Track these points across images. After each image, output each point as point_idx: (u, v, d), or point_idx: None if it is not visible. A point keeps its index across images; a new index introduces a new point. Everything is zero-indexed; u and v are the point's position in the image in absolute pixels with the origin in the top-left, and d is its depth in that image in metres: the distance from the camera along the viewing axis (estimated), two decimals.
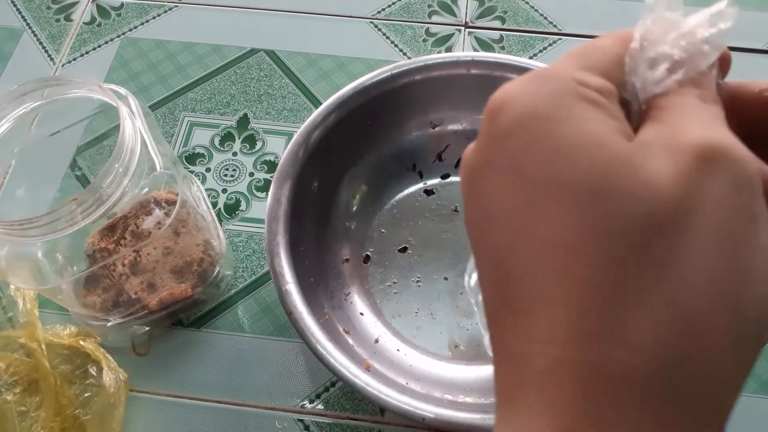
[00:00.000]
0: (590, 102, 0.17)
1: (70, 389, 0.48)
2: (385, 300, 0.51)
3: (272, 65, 0.65)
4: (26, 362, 0.49)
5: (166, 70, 0.65)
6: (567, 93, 0.17)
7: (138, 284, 0.49)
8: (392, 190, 0.56)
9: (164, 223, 0.45)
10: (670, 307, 0.15)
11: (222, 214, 0.57)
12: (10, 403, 0.47)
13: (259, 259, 0.55)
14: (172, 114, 0.63)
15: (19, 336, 0.49)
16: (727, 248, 0.15)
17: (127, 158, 0.39)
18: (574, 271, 0.16)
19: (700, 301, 0.15)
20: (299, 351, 0.51)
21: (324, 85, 0.64)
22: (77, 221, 0.38)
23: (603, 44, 0.19)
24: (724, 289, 0.15)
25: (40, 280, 0.44)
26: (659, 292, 0.15)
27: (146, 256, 0.49)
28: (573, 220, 0.16)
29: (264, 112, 0.62)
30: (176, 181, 0.43)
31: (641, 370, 0.15)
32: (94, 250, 0.49)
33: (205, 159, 0.60)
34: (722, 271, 0.15)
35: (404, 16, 0.68)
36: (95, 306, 0.48)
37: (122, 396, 0.47)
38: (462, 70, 0.52)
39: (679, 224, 0.15)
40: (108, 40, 0.68)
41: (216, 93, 0.64)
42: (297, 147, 0.49)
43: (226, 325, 0.52)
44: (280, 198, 0.47)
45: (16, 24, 0.69)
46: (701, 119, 0.17)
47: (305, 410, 0.49)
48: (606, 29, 0.66)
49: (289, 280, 0.44)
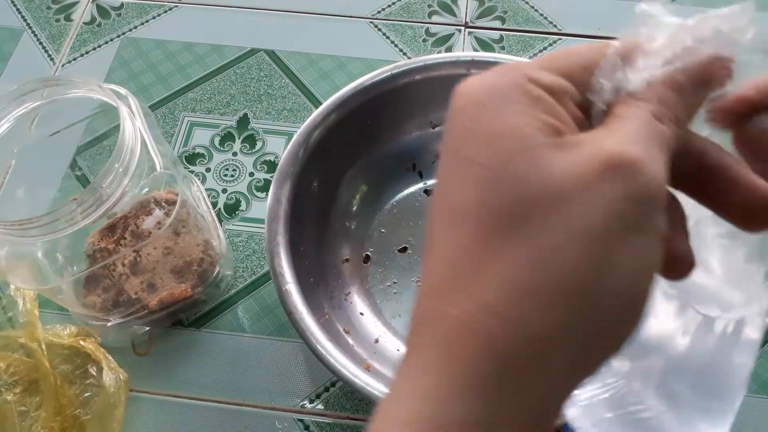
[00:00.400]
0: (528, 97, 0.19)
1: (70, 389, 0.48)
2: (385, 300, 0.51)
3: (272, 65, 0.65)
4: (26, 362, 0.49)
5: (166, 70, 0.65)
6: (510, 87, 0.19)
7: (138, 284, 0.49)
8: (392, 190, 0.56)
9: (164, 223, 0.45)
10: (517, 278, 0.17)
11: (222, 214, 0.57)
12: (11, 403, 0.47)
13: (259, 259, 0.55)
14: (172, 114, 0.63)
15: (19, 336, 0.49)
16: (595, 245, 0.17)
17: (127, 158, 0.39)
18: (459, 233, 0.19)
19: (548, 279, 0.17)
20: (299, 351, 0.51)
21: (324, 85, 0.64)
22: (77, 221, 0.38)
23: (577, 49, 0.21)
24: (577, 277, 0.17)
25: (40, 280, 0.44)
26: (514, 263, 0.18)
27: (146, 256, 0.49)
28: (473, 193, 0.18)
29: (264, 112, 0.62)
30: (176, 181, 0.43)
31: (488, 329, 0.17)
32: (94, 250, 0.49)
33: (205, 159, 0.60)
34: (580, 261, 0.17)
35: (404, 16, 0.68)
36: (95, 306, 0.48)
37: (122, 396, 0.47)
38: (462, 70, 0.52)
39: (557, 212, 0.17)
40: (108, 40, 0.68)
41: (216, 93, 0.64)
42: (297, 147, 0.49)
43: (226, 325, 0.52)
44: (280, 198, 0.47)
45: (16, 24, 0.69)
46: (635, 134, 0.19)
47: (305, 410, 0.49)
48: (606, 29, 0.66)
49: (289, 280, 0.44)
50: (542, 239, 0.18)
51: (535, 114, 0.19)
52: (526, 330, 0.17)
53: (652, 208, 0.18)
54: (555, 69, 0.20)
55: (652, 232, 0.18)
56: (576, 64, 0.20)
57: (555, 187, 0.18)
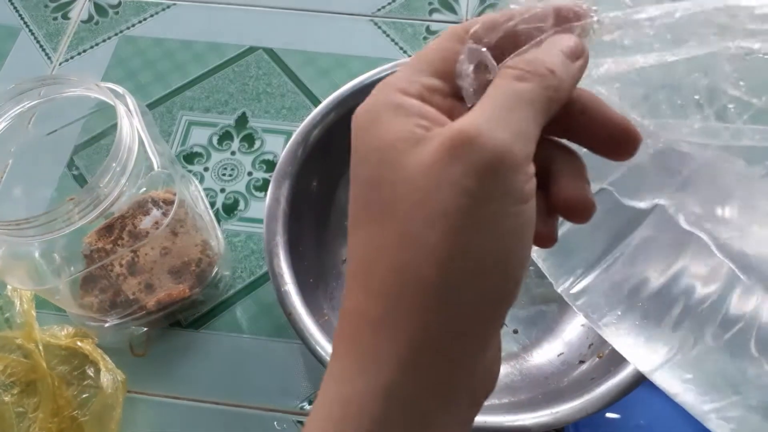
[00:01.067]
0: (395, 109, 0.21)
1: (67, 390, 0.48)
2: None
3: (271, 63, 0.65)
4: (24, 363, 0.48)
5: (164, 69, 0.65)
6: (380, 104, 0.22)
7: (136, 285, 0.48)
8: None
9: (162, 223, 0.44)
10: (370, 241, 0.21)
11: (220, 214, 0.57)
12: (8, 404, 0.47)
13: (258, 259, 0.55)
14: (169, 113, 0.62)
15: (17, 337, 0.49)
16: (452, 223, 0.19)
17: (125, 157, 0.38)
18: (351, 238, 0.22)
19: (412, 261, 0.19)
20: (298, 352, 0.51)
21: (323, 84, 0.63)
22: (74, 221, 0.38)
23: (436, 44, 0.23)
24: (440, 256, 0.19)
25: (37, 280, 0.44)
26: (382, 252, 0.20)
27: (144, 256, 0.49)
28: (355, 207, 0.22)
29: (263, 111, 0.62)
30: (174, 180, 0.42)
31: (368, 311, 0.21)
32: (91, 251, 0.48)
33: (203, 158, 0.60)
34: (439, 241, 0.19)
35: (405, 14, 0.68)
36: (93, 307, 0.48)
37: (120, 397, 0.47)
38: None
39: (413, 201, 0.20)
40: (105, 38, 0.67)
41: (214, 91, 0.63)
42: (296, 146, 0.48)
43: (225, 326, 0.52)
44: (278, 197, 0.47)
45: (13, 22, 0.69)
46: (490, 105, 0.20)
47: (305, 411, 0.49)
48: None
49: (288, 281, 0.44)
50: (404, 227, 0.20)
51: (401, 122, 0.21)
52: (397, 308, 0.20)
53: (500, 176, 0.19)
54: (423, 70, 0.22)
55: (509, 196, 0.19)
56: (438, 60, 0.22)
57: (409, 180, 0.20)
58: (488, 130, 0.19)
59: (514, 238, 0.20)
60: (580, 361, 0.46)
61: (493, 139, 0.19)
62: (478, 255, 0.19)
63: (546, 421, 0.39)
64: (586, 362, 0.46)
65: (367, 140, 0.22)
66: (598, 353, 0.45)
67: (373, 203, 0.21)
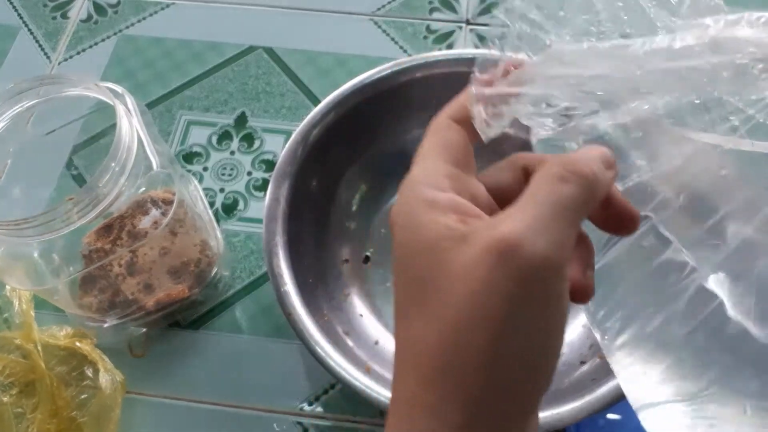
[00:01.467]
0: (429, 207, 0.23)
1: (66, 391, 0.48)
2: (385, 301, 0.51)
3: (270, 63, 0.65)
4: (22, 363, 0.48)
5: (163, 68, 0.65)
6: (414, 204, 0.23)
7: (135, 285, 0.48)
8: (392, 189, 0.55)
9: (161, 222, 0.44)
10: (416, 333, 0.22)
11: (220, 214, 0.57)
12: (7, 404, 0.47)
13: (258, 259, 0.55)
14: (169, 112, 0.62)
15: (15, 337, 0.49)
16: (488, 325, 0.20)
17: (124, 157, 0.38)
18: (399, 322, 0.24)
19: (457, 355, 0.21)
20: (298, 352, 0.51)
21: (323, 83, 0.63)
22: (73, 221, 0.38)
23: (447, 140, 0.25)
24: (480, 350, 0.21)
25: (36, 280, 0.44)
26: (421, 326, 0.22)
27: (143, 256, 0.49)
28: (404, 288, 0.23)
29: (262, 110, 0.62)
30: (173, 180, 0.42)
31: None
32: (90, 251, 0.48)
33: (202, 158, 0.59)
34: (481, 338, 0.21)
35: (405, 13, 0.68)
36: (91, 307, 0.48)
37: (119, 398, 0.47)
38: (463, 67, 0.51)
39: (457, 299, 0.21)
40: (104, 37, 0.67)
41: (213, 91, 0.63)
42: (296, 146, 0.48)
43: (224, 327, 0.52)
44: (278, 197, 0.47)
45: (12, 21, 0.68)
46: (532, 210, 0.21)
47: (304, 413, 0.49)
48: None
49: (287, 281, 0.44)
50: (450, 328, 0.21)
51: (439, 219, 0.22)
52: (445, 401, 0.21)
53: (541, 281, 0.21)
54: (447, 162, 0.24)
55: (549, 299, 0.21)
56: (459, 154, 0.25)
57: (454, 280, 0.21)
58: (531, 239, 0.21)
59: (551, 335, 0.22)
60: (581, 361, 0.46)
61: (535, 248, 0.20)
62: (519, 353, 0.21)
63: (547, 422, 0.39)
64: (587, 363, 0.46)
65: (411, 240, 0.23)
66: (598, 354, 0.45)
67: (419, 299, 0.22)
